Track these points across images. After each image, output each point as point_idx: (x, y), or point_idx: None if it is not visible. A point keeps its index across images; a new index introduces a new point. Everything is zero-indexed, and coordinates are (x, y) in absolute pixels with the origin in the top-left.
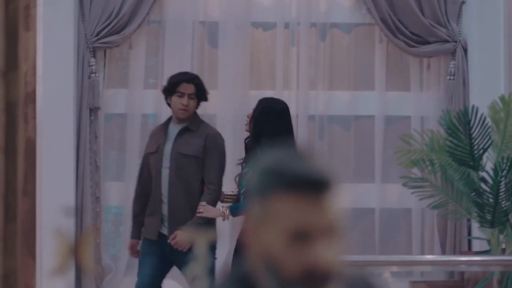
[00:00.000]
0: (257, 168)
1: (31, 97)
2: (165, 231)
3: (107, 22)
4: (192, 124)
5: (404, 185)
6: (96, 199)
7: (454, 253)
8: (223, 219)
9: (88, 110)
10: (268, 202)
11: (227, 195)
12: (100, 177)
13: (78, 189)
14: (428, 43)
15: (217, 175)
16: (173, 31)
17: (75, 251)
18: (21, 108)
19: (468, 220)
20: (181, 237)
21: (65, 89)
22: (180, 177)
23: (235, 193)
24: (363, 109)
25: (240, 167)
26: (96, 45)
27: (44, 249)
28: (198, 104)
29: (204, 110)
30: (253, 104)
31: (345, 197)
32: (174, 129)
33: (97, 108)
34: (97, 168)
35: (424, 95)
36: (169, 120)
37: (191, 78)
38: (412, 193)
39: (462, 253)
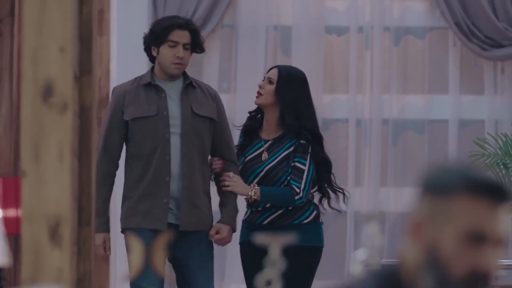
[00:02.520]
0: (436, 166)
1: (105, 102)
2: (172, 218)
3: None
4: (190, 79)
5: None
6: None
7: None
8: (249, 199)
9: None
10: (448, 201)
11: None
12: None
13: None
14: (502, 46)
15: (233, 147)
16: (247, 35)
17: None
18: (94, 112)
19: None
20: (227, 233)
21: None
22: (196, 146)
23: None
24: (437, 113)
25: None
26: None
27: (118, 253)
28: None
29: None
30: (326, 110)
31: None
32: (170, 86)
33: None
34: None
35: (498, 98)
36: (148, 76)
37: (186, 24)
38: None
39: None
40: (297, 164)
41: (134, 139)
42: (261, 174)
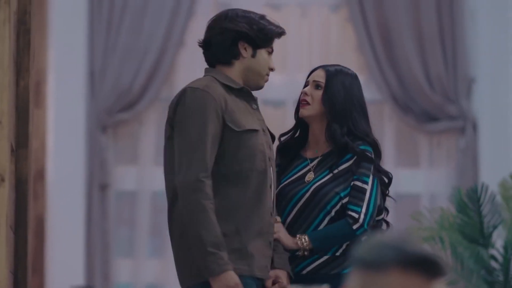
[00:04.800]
0: (370, 240)
1: (41, 174)
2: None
3: (118, 99)
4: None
5: None
6: (105, 276)
7: None
8: (301, 253)
9: (98, 187)
10: (381, 275)
11: None
12: (109, 254)
13: (88, 266)
14: (438, 120)
15: None
16: None
17: None
18: (31, 184)
19: None
20: (286, 280)
21: (75, 166)
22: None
23: None
24: None
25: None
26: (106, 121)
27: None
28: None
29: None
30: None
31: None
32: (250, 100)
33: (107, 185)
34: (106, 245)
35: (434, 172)
36: (230, 79)
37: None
38: None
39: None
40: (357, 183)
41: (236, 156)
42: (307, 195)
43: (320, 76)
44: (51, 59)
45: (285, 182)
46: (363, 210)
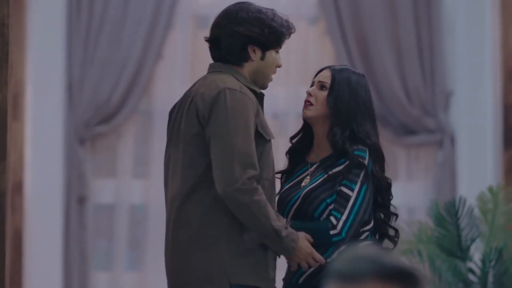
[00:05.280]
0: (346, 252)
1: (19, 187)
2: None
3: (96, 111)
4: None
5: None
6: None
7: None
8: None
9: (76, 199)
10: (356, 287)
11: None
12: (87, 267)
13: (66, 278)
14: (416, 133)
15: None
16: (162, 121)
17: None
18: (9, 197)
19: None
20: None
21: (53, 179)
22: None
23: None
24: None
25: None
26: (84, 134)
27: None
28: None
29: None
30: None
31: None
32: (261, 105)
33: (85, 198)
34: (84, 258)
35: (412, 185)
36: (247, 81)
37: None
38: None
39: None
40: (343, 189)
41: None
42: (298, 201)
43: (326, 77)
44: (29, 71)
45: (285, 187)
46: (343, 217)
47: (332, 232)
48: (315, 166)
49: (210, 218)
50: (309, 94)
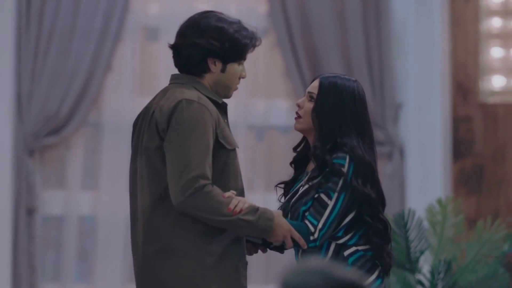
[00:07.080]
0: (296, 266)
1: None
2: None
3: (45, 123)
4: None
5: None
6: None
7: None
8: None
9: (25, 211)
10: None
11: None
12: (36, 279)
13: None
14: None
15: None
16: (111, 132)
17: None
18: None
19: None
20: None
21: (2, 190)
22: None
23: None
24: None
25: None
26: (33, 145)
27: None
28: None
29: None
30: None
31: None
32: (224, 114)
33: (34, 209)
34: (33, 269)
35: None
36: (208, 91)
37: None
38: None
39: None
40: (322, 196)
41: (223, 174)
42: (288, 210)
43: (314, 87)
44: None
45: (288, 197)
46: (319, 226)
47: (311, 238)
48: (308, 176)
49: (178, 230)
50: (298, 105)
